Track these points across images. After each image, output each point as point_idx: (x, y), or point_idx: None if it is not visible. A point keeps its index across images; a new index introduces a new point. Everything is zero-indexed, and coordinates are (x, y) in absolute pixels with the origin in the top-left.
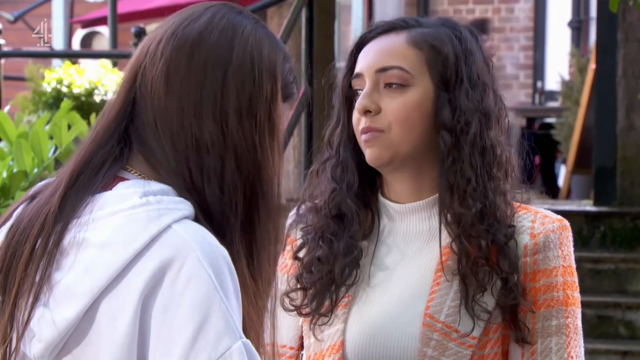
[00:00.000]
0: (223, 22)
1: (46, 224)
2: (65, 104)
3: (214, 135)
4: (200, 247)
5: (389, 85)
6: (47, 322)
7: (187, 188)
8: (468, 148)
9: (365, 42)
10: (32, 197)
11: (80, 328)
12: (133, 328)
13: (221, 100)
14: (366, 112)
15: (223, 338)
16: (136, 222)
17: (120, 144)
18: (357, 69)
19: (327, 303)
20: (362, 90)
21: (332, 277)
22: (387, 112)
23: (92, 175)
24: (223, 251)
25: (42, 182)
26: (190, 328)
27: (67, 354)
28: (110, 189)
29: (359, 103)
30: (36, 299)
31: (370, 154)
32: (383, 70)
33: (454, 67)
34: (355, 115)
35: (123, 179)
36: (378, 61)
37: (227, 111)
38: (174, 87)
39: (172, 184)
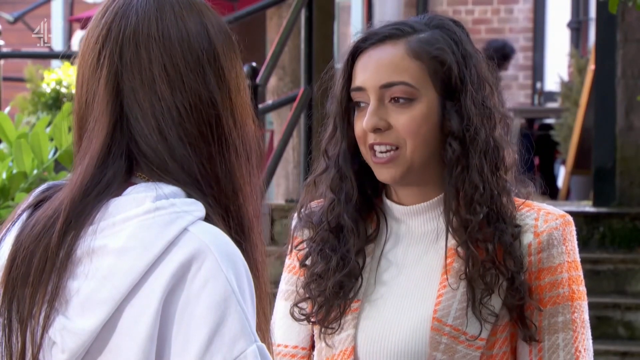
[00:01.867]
0: (183, 7)
1: (57, 232)
2: (67, 106)
3: (231, 124)
4: (218, 249)
5: (394, 100)
6: (69, 332)
7: (209, 187)
8: (477, 155)
9: (359, 51)
10: (36, 205)
11: (101, 335)
12: (153, 330)
13: (223, 85)
14: (375, 129)
15: (238, 341)
16: (152, 227)
17: (124, 160)
18: (358, 83)
19: (334, 313)
20: (363, 102)
21: (330, 292)
22: (397, 129)
23: (102, 188)
24: (239, 253)
25: (42, 188)
26: (206, 329)
27: None
28: (121, 194)
29: (368, 121)
30: (51, 309)
31: (384, 174)
32: (388, 86)
33: (457, 76)
34: (360, 129)
35: (132, 184)
36: (381, 76)
37: (231, 96)
38: (179, 89)
39: (184, 186)
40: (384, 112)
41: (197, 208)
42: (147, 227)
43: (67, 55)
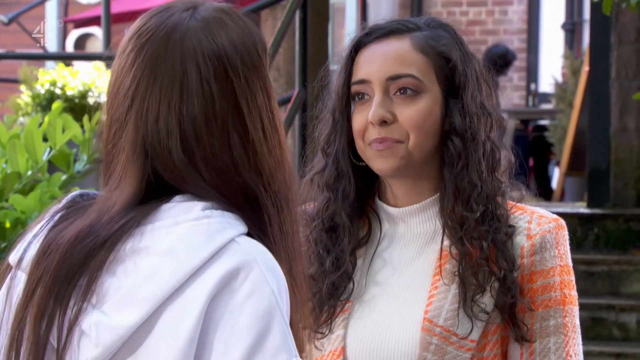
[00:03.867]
0: (210, 64)
1: (95, 230)
2: (57, 105)
3: (262, 143)
4: (264, 261)
5: (401, 92)
6: (105, 327)
7: (242, 207)
8: (476, 154)
9: (362, 46)
10: (68, 208)
11: (137, 334)
12: (194, 334)
13: (257, 123)
14: (382, 122)
15: (280, 354)
16: (201, 233)
17: (157, 194)
18: (362, 75)
19: (324, 317)
20: (366, 95)
21: (325, 293)
22: (402, 121)
23: (149, 198)
24: (280, 269)
25: (75, 194)
26: (250, 340)
27: None
28: (167, 202)
29: (375, 113)
30: (83, 302)
31: (383, 164)
32: (395, 78)
33: (462, 74)
34: (361, 123)
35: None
36: (388, 68)
37: (264, 129)
38: (208, 145)
39: (223, 205)
40: (389, 105)
41: (241, 224)
42: (196, 232)
43: (62, 57)
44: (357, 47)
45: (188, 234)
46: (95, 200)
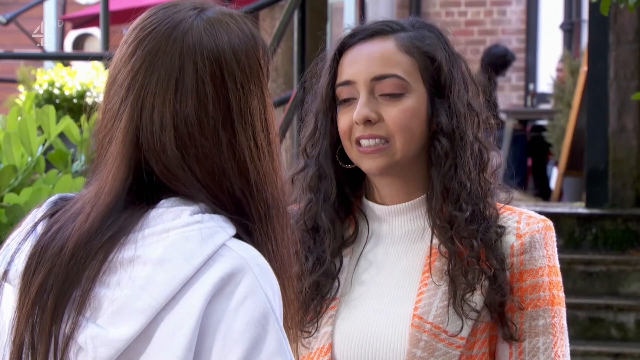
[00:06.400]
0: (207, 68)
1: (86, 240)
2: (49, 108)
3: (252, 150)
4: (256, 265)
5: (386, 93)
6: (102, 341)
7: (231, 210)
8: (464, 154)
9: (346, 48)
10: (51, 215)
11: (134, 345)
12: (192, 342)
13: (249, 131)
14: (366, 121)
15: (275, 358)
16: (192, 240)
17: (146, 191)
18: (347, 77)
19: (310, 315)
20: (352, 97)
21: (308, 293)
22: (387, 121)
23: (136, 201)
24: (272, 271)
25: (54, 198)
26: (245, 345)
27: None
28: (154, 207)
29: (360, 112)
30: (78, 315)
31: (371, 165)
32: (380, 78)
33: (447, 73)
34: (346, 123)
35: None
36: (373, 69)
37: (256, 138)
38: (207, 113)
39: (211, 206)
40: (374, 105)
41: (230, 226)
42: (187, 239)
43: (60, 57)
44: (342, 48)
45: (179, 241)
46: (79, 200)
